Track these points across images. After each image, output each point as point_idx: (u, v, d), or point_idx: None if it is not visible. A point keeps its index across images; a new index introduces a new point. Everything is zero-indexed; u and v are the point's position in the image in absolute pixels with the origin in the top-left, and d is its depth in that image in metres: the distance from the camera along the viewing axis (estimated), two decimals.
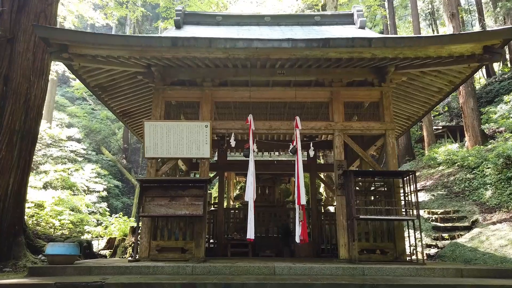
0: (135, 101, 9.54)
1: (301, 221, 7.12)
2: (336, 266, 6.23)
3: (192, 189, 7.58)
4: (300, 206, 7.24)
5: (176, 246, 7.55)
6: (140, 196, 7.42)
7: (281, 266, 6.19)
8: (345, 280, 5.52)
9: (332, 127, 8.15)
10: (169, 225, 7.72)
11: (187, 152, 7.95)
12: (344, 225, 7.60)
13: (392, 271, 6.14)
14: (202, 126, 7.91)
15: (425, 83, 8.56)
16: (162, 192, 7.56)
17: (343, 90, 8.38)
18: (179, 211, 7.39)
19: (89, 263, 6.63)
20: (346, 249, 7.50)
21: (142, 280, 5.39)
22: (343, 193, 7.72)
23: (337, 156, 7.99)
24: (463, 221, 12.94)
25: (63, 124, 28.18)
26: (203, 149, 7.94)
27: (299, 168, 7.43)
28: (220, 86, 8.49)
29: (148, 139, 7.89)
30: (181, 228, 7.70)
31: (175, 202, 7.48)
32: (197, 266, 6.16)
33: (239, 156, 13.20)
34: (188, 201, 7.51)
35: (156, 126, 7.90)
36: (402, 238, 7.55)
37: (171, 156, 8.03)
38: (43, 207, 16.96)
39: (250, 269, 6.17)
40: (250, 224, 7.23)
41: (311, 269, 6.16)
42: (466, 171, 16.86)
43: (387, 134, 8.07)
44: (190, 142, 7.93)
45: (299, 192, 7.28)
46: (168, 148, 7.92)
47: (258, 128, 8.16)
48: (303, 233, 7.04)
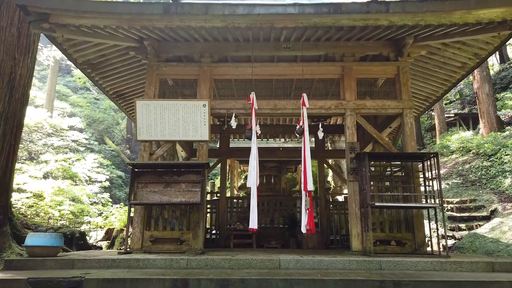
0: (129, 81, 8.82)
1: (308, 209, 6.39)
2: (349, 259, 5.51)
3: (189, 174, 6.88)
4: (307, 193, 6.52)
5: (171, 237, 6.88)
6: (131, 182, 6.73)
7: (287, 259, 5.49)
8: (361, 275, 4.80)
9: (344, 106, 7.37)
10: (164, 214, 7.04)
11: (183, 135, 7.23)
12: (357, 214, 6.86)
13: (413, 264, 5.41)
14: (199, 106, 7.18)
15: (446, 57, 7.72)
16: (156, 177, 6.87)
17: (356, 66, 7.58)
18: (175, 198, 6.71)
19: (73, 256, 5.99)
20: (359, 240, 6.78)
21: (128, 275, 4.72)
22: (356, 178, 6.98)
23: (349, 137, 7.22)
24: (481, 211, 12.18)
25: (64, 114, 27.66)
26: (201, 131, 7.22)
27: (306, 150, 6.69)
28: (220, 62, 7.73)
29: (140, 120, 7.18)
30: (177, 217, 7.02)
31: (170, 189, 6.80)
32: (193, 259, 5.48)
33: (243, 143, 12.48)
34: (185, 187, 6.82)
35: (149, 105, 7.19)
36: (422, 228, 6.80)
37: (166, 139, 7.32)
38: (43, 197, 16.47)
39: (252, 262, 5.47)
40: (253, 213, 6.53)
41: (320, 263, 5.45)
42: (482, 158, 16.02)
43: (405, 114, 7.28)
44: (186, 123, 7.21)
45: (306, 177, 6.55)
46: (162, 130, 7.21)
47: (262, 108, 7.41)
48: (310, 222, 6.32)
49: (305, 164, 6.61)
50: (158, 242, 6.87)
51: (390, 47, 7.47)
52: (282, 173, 15.97)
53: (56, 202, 16.38)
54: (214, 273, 4.90)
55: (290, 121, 11.67)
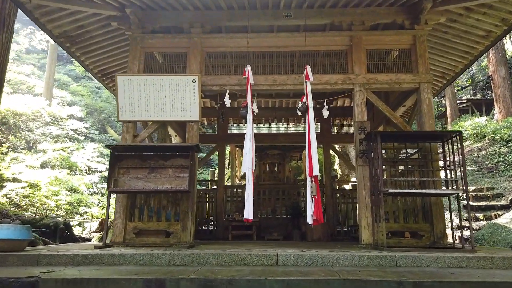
0: (115, 58, 8.01)
1: (314, 197, 5.58)
2: (358, 254, 4.71)
3: (176, 158, 6.10)
4: (313, 178, 5.70)
5: (157, 229, 6.13)
6: (111, 167, 5.97)
7: (285, 254, 4.70)
8: (373, 274, 4.00)
9: (352, 81, 6.51)
10: (150, 202, 6.29)
11: (171, 114, 6.44)
12: (367, 202, 6.05)
13: (435, 261, 4.59)
14: (188, 81, 6.36)
15: (468, 25, 6.79)
16: (140, 162, 6.10)
17: (366, 35, 6.69)
18: (160, 185, 5.94)
19: (41, 251, 5.26)
20: (369, 231, 5.97)
21: (93, 274, 3.97)
22: (366, 162, 6.14)
23: (358, 116, 6.37)
24: (499, 199, 11.30)
25: (64, 103, 27.02)
26: (191, 110, 6.41)
27: (311, 130, 5.86)
28: (212, 33, 6.88)
29: (122, 98, 6.39)
30: (164, 206, 6.26)
31: (156, 175, 6.03)
32: (176, 255, 4.72)
33: (243, 128, 11.65)
34: (172, 173, 6.05)
35: (132, 81, 6.38)
36: (442, 217, 5.97)
37: (152, 119, 6.53)
38: (39, 187, 15.88)
39: (245, 258, 4.70)
40: (248, 201, 5.75)
41: (325, 259, 4.65)
42: (499, 144, 15.09)
43: (422, 89, 6.40)
44: (174, 101, 6.41)
45: (311, 160, 5.73)
46: (147, 109, 6.42)
47: (259, 84, 6.58)
48: (317, 212, 5.51)
49: (310, 146, 5.79)
50: (143, 235, 6.13)
51: (405, 14, 6.56)
52: (286, 161, 15.13)
53: (53, 192, 15.81)
54: (198, 271, 4.13)
55: (294, 104, 10.82)
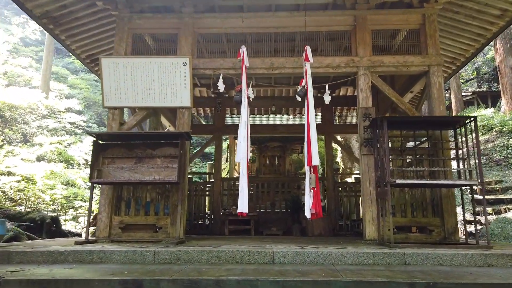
0: (103, 42, 7.51)
1: (313, 189, 5.12)
2: (363, 251, 4.25)
3: (165, 147, 5.64)
4: (311, 168, 5.24)
5: (145, 223, 5.68)
6: (94, 157, 5.51)
7: (282, 251, 4.24)
8: (380, 274, 3.54)
9: (356, 64, 6.02)
10: (137, 195, 5.84)
11: (160, 100, 5.97)
12: (372, 194, 5.58)
13: (448, 258, 4.13)
14: (179, 64, 5.88)
15: (482, 3, 6.26)
16: (126, 151, 5.64)
17: (371, 15, 6.18)
18: (148, 176, 5.49)
19: (16, 247, 4.82)
20: (374, 226, 5.51)
21: (65, 273, 3.52)
22: (371, 151, 5.67)
23: (362, 102, 5.89)
24: (508, 193, 10.85)
25: (62, 95, 26.58)
26: (182, 95, 5.94)
27: (310, 116, 5.38)
28: (205, 13, 6.38)
29: (107, 82, 5.92)
30: (153, 199, 5.81)
31: (143, 165, 5.57)
32: (162, 252, 4.27)
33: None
34: (161, 163, 5.59)
35: (118, 64, 5.91)
36: (453, 211, 5.50)
37: (139, 105, 6.06)
38: (34, 181, 15.52)
39: (238, 255, 4.24)
40: (242, 193, 5.28)
41: (326, 256, 4.20)
42: (507, 136, 14.59)
43: (432, 72, 5.91)
44: (163, 86, 5.93)
45: (310, 148, 5.25)
46: (134, 95, 5.95)
47: (255, 67, 6.10)
48: (316, 205, 5.05)
49: (309, 134, 5.31)
50: (130, 229, 5.69)
51: None
52: (287, 153, 14.70)
53: (48, 186, 15.44)
54: (183, 271, 3.69)
55: (294, 93, 10.32)
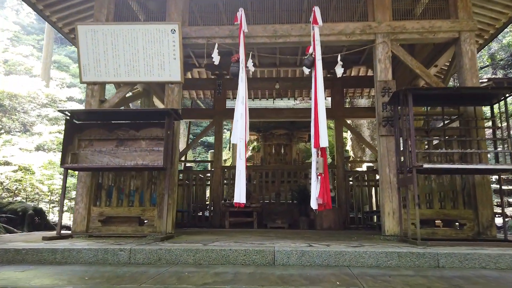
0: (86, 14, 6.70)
1: (320, 175, 4.30)
2: (385, 250, 3.44)
3: (151, 128, 4.87)
4: (319, 151, 4.42)
5: (129, 215, 4.93)
6: (68, 138, 4.76)
7: (286, 250, 3.45)
8: (412, 283, 2.73)
9: (373, 30, 5.15)
10: (120, 183, 5.09)
11: (145, 73, 5.17)
12: (392, 182, 4.75)
13: (492, 260, 3.31)
14: (166, 31, 5.07)
15: None
16: (106, 132, 4.88)
17: None
18: (130, 161, 4.73)
19: None
20: (394, 219, 4.69)
21: (4, 281, 2.77)
22: (390, 131, 4.83)
23: (381, 74, 5.03)
24: None
25: (64, 84, 26.00)
26: (170, 68, 5.14)
27: (318, 90, 4.54)
28: None
29: (84, 53, 5.13)
30: (138, 188, 5.05)
31: (125, 148, 4.81)
32: (139, 251, 3.51)
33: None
34: (145, 146, 4.82)
35: (97, 32, 5.11)
36: (489, 201, 4.64)
37: (122, 80, 5.27)
38: (31, 171, 14.95)
39: (232, 255, 3.47)
40: (239, 180, 4.50)
41: (339, 256, 3.40)
42: None
43: (463, 39, 5.02)
44: (149, 58, 5.13)
45: (318, 128, 4.43)
46: (116, 68, 5.16)
47: (256, 35, 5.27)
48: (323, 194, 4.24)
49: (317, 109, 4.48)
50: (111, 223, 4.95)
51: None
52: (294, 142, 13.89)
53: (46, 176, 14.84)
54: (160, 275, 2.92)
55: (302, 74, 9.47)
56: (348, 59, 8.97)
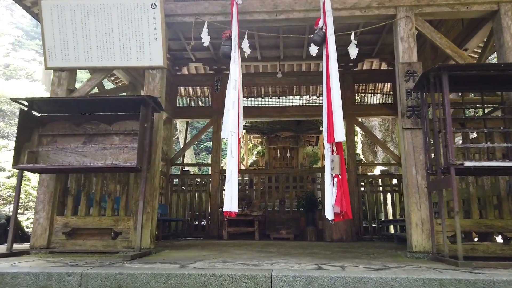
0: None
1: (337, 176, 3.42)
2: (421, 277, 2.54)
3: (126, 121, 4.06)
4: (334, 147, 3.55)
5: (100, 226, 4.08)
6: (24, 133, 3.94)
7: (287, 276, 2.57)
8: None
9: (394, 3, 4.30)
10: (91, 187, 4.26)
11: (122, 57, 4.36)
12: (420, 185, 3.85)
13: None
14: (146, 7, 4.26)
15: None
16: (72, 126, 4.07)
17: None
18: (101, 160, 3.89)
19: None
20: (424, 232, 3.78)
21: None
22: (417, 124, 3.95)
23: (404, 55, 4.16)
24: None
25: None
26: (151, 50, 4.32)
27: (331, 72, 3.70)
28: None
29: (50, 34, 4.34)
30: (111, 193, 4.21)
31: (94, 145, 3.98)
32: (93, 276, 2.65)
33: (245, 101, 9.54)
34: (119, 142, 4.00)
35: (64, 9, 4.31)
36: None
37: (94, 65, 4.46)
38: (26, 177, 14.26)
39: (214, 282, 2.60)
40: (230, 184, 3.64)
41: (359, 286, 2.51)
42: None
43: (503, 12, 4.14)
44: (126, 38, 4.32)
45: (332, 118, 3.57)
46: (87, 51, 4.36)
47: (253, 10, 4.44)
48: (341, 201, 3.35)
49: (330, 96, 3.64)
50: (79, 235, 4.11)
51: None
52: (300, 145, 13.01)
53: None
54: None
55: (308, 68, 8.64)
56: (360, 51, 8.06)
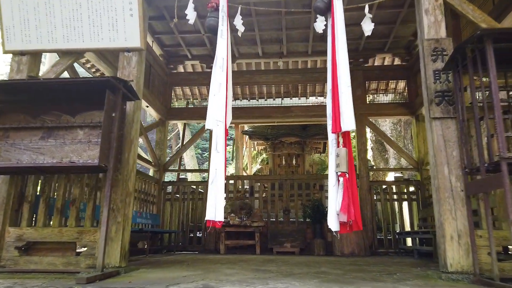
0: None
1: (343, 175, 2.66)
2: None
3: (93, 112, 3.35)
4: (340, 138, 2.81)
5: (60, 240, 3.35)
6: None
7: None
8: None
9: None
10: (50, 191, 3.55)
11: (91, 38, 3.68)
12: (455, 188, 3.07)
13: None
14: None
15: None
16: (28, 118, 3.37)
17: None
18: (63, 158, 3.18)
19: None
20: (462, 247, 2.99)
21: None
22: (448, 112, 3.19)
23: (430, 30, 3.42)
24: None
25: None
26: (126, 29, 3.64)
27: (338, 45, 2.97)
28: None
29: (8, 12, 3.68)
30: (76, 199, 3.49)
31: (54, 140, 3.28)
32: None
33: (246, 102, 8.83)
34: (84, 136, 3.29)
35: None
36: None
37: (58, 48, 3.78)
38: None
39: None
40: (215, 186, 2.90)
41: None
42: None
43: None
44: (96, 15, 3.65)
45: (338, 102, 2.84)
46: (51, 31, 3.69)
47: None
48: (349, 207, 2.59)
49: (335, 75, 2.91)
50: (36, 251, 3.37)
51: None
52: (306, 151, 12.22)
53: None
54: None
55: (314, 65, 7.93)
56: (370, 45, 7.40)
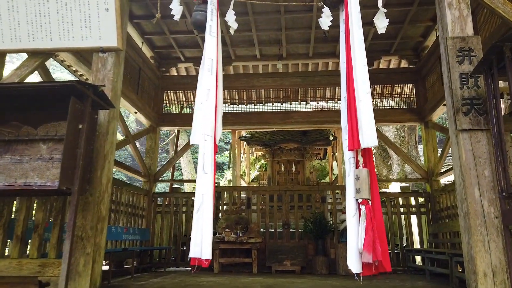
0: None
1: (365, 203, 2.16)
2: None
3: (59, 122, 2.84)
4: (359, 156, 2.30)
5: (19, 274, 2.83)
6: None
7: None
8: None
9: None
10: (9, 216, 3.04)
11: (61, 36, 3.18)
12: (489, 215, 2.57)
13: None
14: None
15: None
16: None
17: None
18: (22, 179, 2.68)
19: None
20: (497, 286, 2.49)
21: None
22: (478, 123, 2.69)
23: (453, 27, 2.93)
24: None
25: None
26: (100, 25, 3.14)
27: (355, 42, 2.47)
28: None
29: None
30: (39, 224, 2.98)
31: (12, 157, 2.77)
32: None
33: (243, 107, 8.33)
34: (47, 152, 2.78)
35: None
36: None
37: (23, 48, 3.28)
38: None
39: None
40: (200, 214, 2.38)
41: None
42: None
43: None
44: (66, 10, 3.15)
45: (354, 111, 2.33)
46: (14, 28, 3.19)
47: None
48: (372, 243, 2.09)
49: (351, 80, 2.41)
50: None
51: None
52: (306, 158, 11.70)
53: None
54: None
55: (316, 67, 7.47)
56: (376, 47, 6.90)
